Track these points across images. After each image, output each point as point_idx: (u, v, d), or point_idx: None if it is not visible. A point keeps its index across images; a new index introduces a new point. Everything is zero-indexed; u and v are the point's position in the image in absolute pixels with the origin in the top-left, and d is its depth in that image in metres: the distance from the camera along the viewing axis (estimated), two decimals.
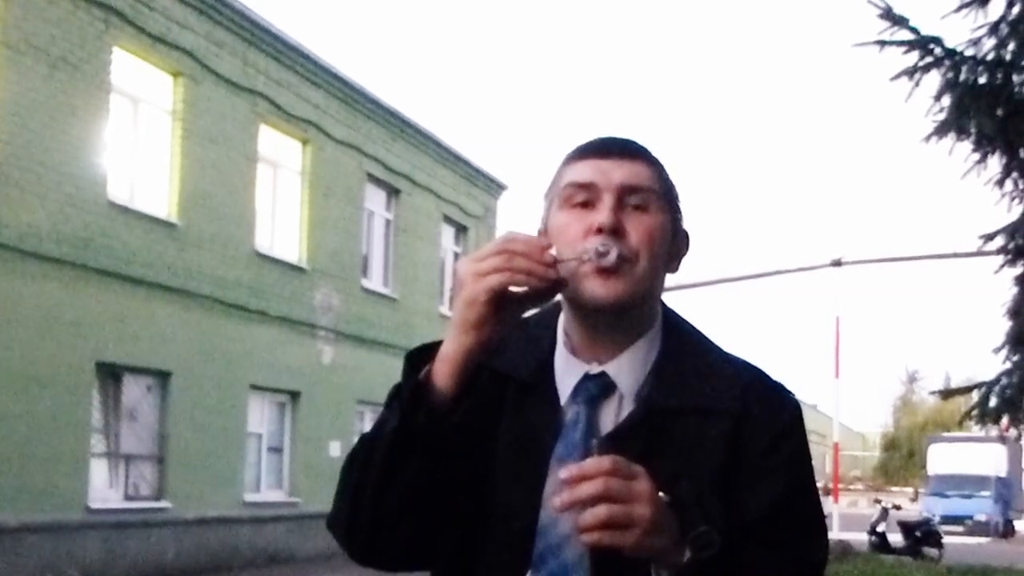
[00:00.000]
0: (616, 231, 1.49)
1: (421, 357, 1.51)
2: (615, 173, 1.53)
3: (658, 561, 1.41)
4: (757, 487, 1.51)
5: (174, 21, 14.88)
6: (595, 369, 1.55)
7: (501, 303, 1.42)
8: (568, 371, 1.57)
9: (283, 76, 17.25)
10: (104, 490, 13.97)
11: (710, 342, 1.64)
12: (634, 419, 1.52)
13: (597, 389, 1.55)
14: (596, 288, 1.49)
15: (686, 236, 1.63)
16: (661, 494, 1.39)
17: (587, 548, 1.45)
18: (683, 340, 1.60)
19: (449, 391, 1.46)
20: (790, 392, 1.61)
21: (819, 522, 1.58)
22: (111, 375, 14.11)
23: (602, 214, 1.49)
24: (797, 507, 1.54)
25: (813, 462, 1.61)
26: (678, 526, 1.40)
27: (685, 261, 1.64)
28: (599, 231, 1.48)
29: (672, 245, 1.59)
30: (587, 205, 1.52)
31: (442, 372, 1.46)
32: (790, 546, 1.51)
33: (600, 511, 1.35)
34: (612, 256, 1.47)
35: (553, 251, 1.44)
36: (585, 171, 1.54)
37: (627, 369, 1.56)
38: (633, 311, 1.54)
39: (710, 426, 1.52)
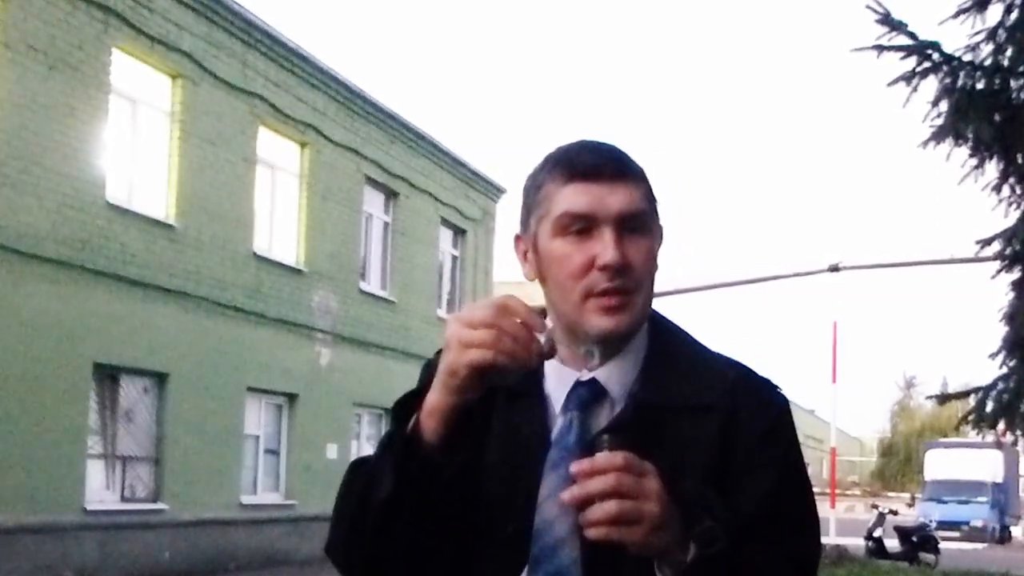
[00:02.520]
0: (623, 268, 1.50)
1: (407, 407, 1.51)
2: (611, 200, 1.51)
3: (660, 559, 1.42)
4: (747, 482, 1.51)
5: (173, 23, 14.89)
6: (585, 376, 1.56)
7: (484, 372, 1.42)
8: (559, 378, 1.58)
9: (282, 78, 17.26)
10: (100, 492, 13.96)
11: (696, 341, 1.64)
12: (624, 417, 1.52)
13: (589, 395, 1.55)
14: (602, 323, 1.51)
15: (662, 230, 1.63)
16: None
17: (582, 551, 1.46)
18: (669, 339, 1.61)
19: (440, 442, 1.46)
20: (778, 388, 1.61)
21: (811, 515, 1.58)
22: (108, 376, 14.10)
23: (607, 251, 1.49)
24: (788, 501, 1.54)
25: (810, 467, 1.61)
26: (681, 523, 1.40)
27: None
28: (604, 268, 1.49)
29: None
30: (584, 232, 1.52)
31: (430, 426, 1.47)
32: (782, 540, 1.50)
33: (610, 506, 1.36)
34: (616, 298, 1.50)
35: (541, 337, 1.42)
36: (580, 200, 1.52)
37: (617, 374, 1.56)
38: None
39: (700, 423, 1.53)
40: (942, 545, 23.22)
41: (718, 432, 1.52)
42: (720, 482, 1.50)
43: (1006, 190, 9.18)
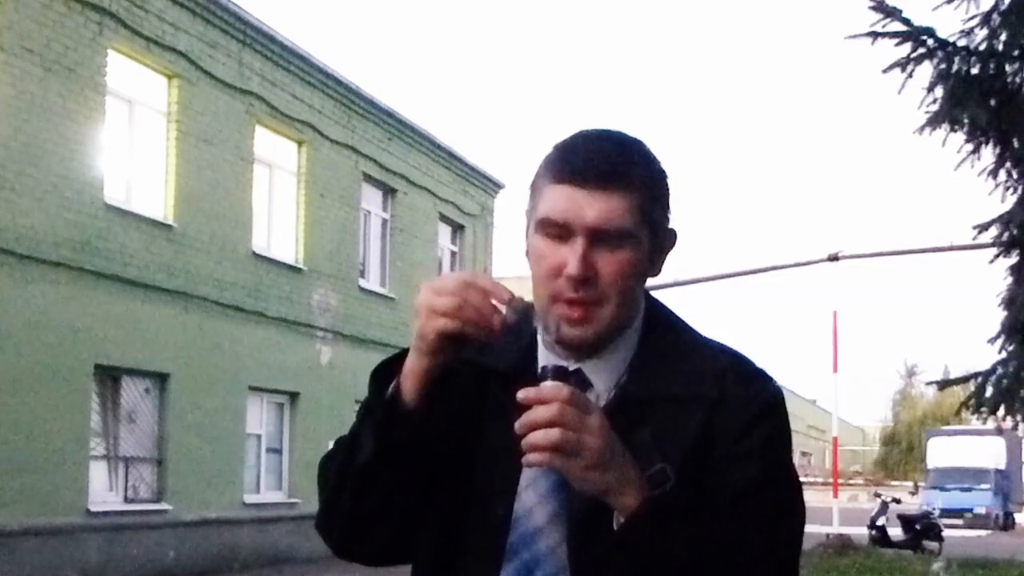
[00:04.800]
0: (586, 280, 1.51)
1: (386, 372, 1.56)
2: (589, 212, 1.51)
3: (607, 499, 1.44)
4: (732, 471, 1.51)
5: (168, 23, 14.89)
6: (572, 366, 1.57)
7: (452, 339, 1.48)
8: (549, 363, 1.58)
9: (278, 77, 17.26)
10: (104, 492, 13.98)
11: (692, 331, 1.64)
12: (607, 409, 1.52)
13: (574, 384, 1.55)
14: (564, 331, 1.54)
15: (672, 233, 1.62)
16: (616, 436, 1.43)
17: (568, 538, 1.50)
18: (663, 332, 1.61)
19: (418, 403, 1.52)
20: (770, 378, 1.61)
21: (792, 504, 1.57)
22: (110, 377, 14.12)
23: (572, 263, 1.51)
24: (771, 490, 1.54)
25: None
26: (635, 472, 1.44)
27: (676, 258, 1.64)
28: (568, 279, 1.51)
29: (651, 263, 1.59)
30: (560, 237, 1.53)
31: (408, 387, 1.53)
32: (760, 526, 1.50)
33: (553, 433, 1.40)
34: (578, 310, 1.52)
35: (503, 308, 1.46)
36: (559, 207, 1.52)
37: (602, 367, 1.58)
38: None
39: (684, 414, 1.53)
40: (946, 532, 23.26)
41: (703, 422, 1.53)
42: (701, 471, 1.51)
43: (1002, 175, 9.17)
